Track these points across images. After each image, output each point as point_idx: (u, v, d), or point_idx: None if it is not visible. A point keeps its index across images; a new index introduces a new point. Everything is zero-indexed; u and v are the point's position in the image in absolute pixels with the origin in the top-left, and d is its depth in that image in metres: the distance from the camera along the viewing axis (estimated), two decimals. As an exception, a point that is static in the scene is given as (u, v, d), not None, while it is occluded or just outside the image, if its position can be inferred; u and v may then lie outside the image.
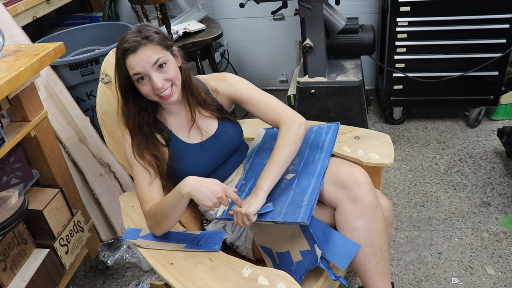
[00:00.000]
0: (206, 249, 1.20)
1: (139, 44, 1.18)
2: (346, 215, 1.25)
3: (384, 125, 2.74)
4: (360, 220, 1.24)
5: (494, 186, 2.17)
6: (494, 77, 2.42)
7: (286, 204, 1.21)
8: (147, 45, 1.19)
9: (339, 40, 2.28)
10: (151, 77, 1.20)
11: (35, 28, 2.59)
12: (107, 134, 1.41)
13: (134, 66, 1.19)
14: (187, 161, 1.34)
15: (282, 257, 1.26)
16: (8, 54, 1.43)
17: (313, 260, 1.21)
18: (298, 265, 1.23)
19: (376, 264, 1.26)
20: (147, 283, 1.81)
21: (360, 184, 1.25)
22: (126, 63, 1.20)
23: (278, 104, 1.38)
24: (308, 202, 1.18)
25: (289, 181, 1.29)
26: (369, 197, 1.25)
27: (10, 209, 1.42)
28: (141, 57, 1.18)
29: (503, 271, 1.75)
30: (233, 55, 3.08)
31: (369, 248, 1.25)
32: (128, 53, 1.18)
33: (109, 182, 2.01)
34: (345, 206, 1.26)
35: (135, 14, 2.52)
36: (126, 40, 1.19)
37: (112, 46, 1.98)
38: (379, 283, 1.27)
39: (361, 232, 1.24)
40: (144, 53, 1.18)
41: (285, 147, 1.27)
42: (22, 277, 1.48)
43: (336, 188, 1.27)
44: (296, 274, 1.22)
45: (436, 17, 2.31)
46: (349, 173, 1.28)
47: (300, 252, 1.23)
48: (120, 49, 1.20)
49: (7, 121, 1.51)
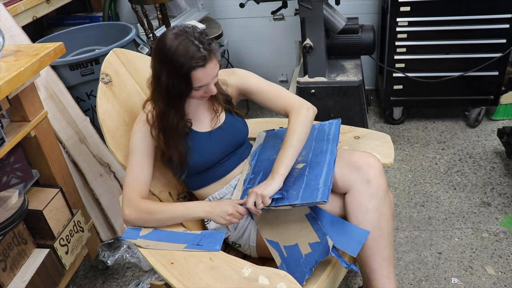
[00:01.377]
0: (206, 249, 1.20)
1: (207, 59, 1.19)
2: (359, 196, 1.28)
3: (384, 125, 2.74)
4: (373, 201, 1.26)
5: (494, 186, 2.17)
6: (494, 77, 2.42)
7: (302, 188, 1.23)
8: (213, 59, 1.22)
9: (339, 40, 2.28)
10: (210, 87, 1.26)
11: (35, 28, 2.59)
12: (107, 134, 1.41)
13: (202, 80, 1.22)
14: (195, 148, 1.36)
15: (290, 250, 1.26)
16: (8, 54, 1.43)
17: (324, 251, 1.22)
18: (308, 257, 1.23)
19: (383, 248, 1.27)
20: (147, 283, 1.81)
21: (373, 167, 1.29)
22: (193, 75, 1.20)
23: (285, 93, 1.44)
24: (325, 184, 1.21)
25: (301, 170, 1.32)
26: (381, 180, 1.29)
27: (10, 209, 1.42)
28: (208, 72, 1.21)
29: (503, 271, 1.75)
30: (233, 55, 3.08)
31: (378, 230, 1.26)
32: (197, 67, 1.19)
33: (109, 182, 2.01)
34: (358, 187, 1.28)
35: (135, 14, 2.51)
36: (193, 54, 1.17)
37: (112, 46, 1.98)
38: (384, 269, 1.28)
39: (372, 213, 1.26)
40: (211, 68, 1.22)
41: (297, 130, 1.32)
42: (22, 277, 1.48)
43: (350, 170, 1.30)
44: (306, 266, 1.22)
45: (436, 17, 2.31)
46: (363, 156, 1.32)
47: (309, 245, 1.24)
48: (188, 63, 1.18)
49: (7, 121, 1.51)
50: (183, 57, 1.17)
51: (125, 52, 1.54)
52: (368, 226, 1.26)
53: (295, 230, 1.27)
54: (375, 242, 1.27)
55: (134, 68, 1.53)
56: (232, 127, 1.43)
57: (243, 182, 1.39)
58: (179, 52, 1.18)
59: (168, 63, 1.19)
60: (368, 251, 1.28)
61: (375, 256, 1.28)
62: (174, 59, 1.18)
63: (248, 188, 1.35)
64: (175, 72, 1.20)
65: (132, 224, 1.30)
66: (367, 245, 1.27)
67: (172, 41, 1.19)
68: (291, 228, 1.28)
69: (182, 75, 1.20)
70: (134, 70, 1.53)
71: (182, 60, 1.18)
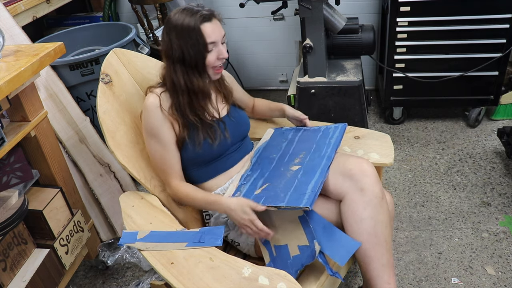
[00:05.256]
0: (208, 245, 1.20)
1: (212, 14, 1.31)
2: (353, 204, 1.27)
3: (384, 125, 2.74)
4: (367, 210, 1.26)
5: (494, 186, 2.17)
6: (494, 77, 2.42)
7: (290, 192, 1.24)
8: (217, 18, 1.33)
9: (339, 40, 2.28)
10: (220, 48, 1.33)
11: (35, 28, 2.59)
12: (107, 134, 1.41)
13: (211, 34, 1.29)
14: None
15: (280, 250, 1.26)
16: (8, 54, 1.43)
17: (311, 255, 1.22)
18: (295, 259, 1.23)
19: (381, 255, 1.27)
20: (147, 283, 1.81)
21: (367, 175, 1.29)
22: (203, 29, 1.28)
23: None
24: (312, 190, 1.22)
25: (295, 172, 1.33)
26: (376, 188, 1.28)
27: (10, 209, 1.42)
28: (215, 27, 1.31)
29: (503, 271, 1.75)
30: (233, 55, 3.08)
31: (375, 238, 1.26)
32: (205, 20, 1.29)
33: (109, 182, 2.01)
34: (352, 196, 1.28)
35: (135, 14, 2.52)
36: (197, 10, 1.29)
37: (112, 46, 1.98)
38: (384, 275, 1.27)
39: (367, 222, 1.25)
40: (217, 25, 1.32)
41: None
42: (22, 277, 1.48)
43: (343, 179, 1.30)
44: (292, 268, 1.22)
45: (436, 17, 2.31)
46: (357, 163, 1.32)
47: (298, 247, 1.24)
48: (196, 18, 1.28)
49: (7, 121, 1.51)
50: (188, 18, 1.29)
51: (125, 52, 1.54)
52: (364, 235, 1.26)
53: (287, 231, 1.27)
54: (372, 249, 1.26)
55: (134, 68, 1.53)
56: (238, 117, 1.49)
57: (240, 177, 1.41)
58: (185, 17, 1.29)
59: (178, 30, 1.29)
60: (367, 259, 1.28)
61: (374, 263, 1.27)
62: (183, 24, 1.29)
63: (242, 185, 1.37)
64: (187, 33, 1.28)
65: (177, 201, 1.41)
66: (365, 253, 1.27)
67: (177, 15, 1.31)
68: (283, 229, 1.28)
69: (193, 32, 1.28)
70: (134, 70, 1.53)
71: (188, 20, 1.28)
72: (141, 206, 1.37)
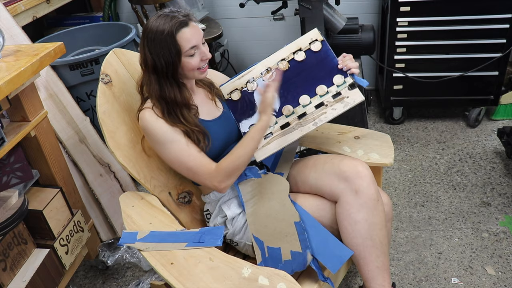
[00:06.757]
0: (208, 245, 1.20)
1: (188, 19, 1.27)
2: (348, 207, 1.27)
3: (384, 125, 2.74)
4: (362, 212, 1.25)
5: (494, 186, 2.17)
6: (494, 77, 2.42)
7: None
8: (193, 21, 1.29)
9: (339, 40, 2.28)
10: (202, 50, 1.30)
11: (35, 28, 2.59)
12: (107, 134, 1.41)
13: (191, 39, 1.26)
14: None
15: (272, 252, 1.26)
16: (8, 54, 1.43)
17: (302, 263, 1.23)
18: (286, 264, 1.24)
19: (376, 257, 1.27)
20: (147, 283, 1.81)
21: (362, 177, 1.27)
22: (179, 37, 1.25)
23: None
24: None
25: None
26: (371, 190, 1.27)
27: (10, 209, 1.42)
28: (193, 31, 1.27)
29: (503, 271, 1.75)
30: (233, 55, 3.08)
31: (369, 241, 1.25)
32: (180, 27, 1.25)
33: (109, 182, 2.01)
34: (346, 198, 1.27)
35: (135, 14, 2.52)
36: (173, 17, 1.25)
37: (112, 46, 1.98)
38: (378, 277, 1.27)
39: (362, 224, 1.25)
40: (194, 27, 1.28)
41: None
42: (22, 277, 1.48)
43: (338, 180, 1.30)
44: None
45: (436, 17, 2.31)
46: (352, 165, 1.30)
47: (291, 252, 1.24)
48: (170, 25, 1.24)
49: (7, 121, 1.51)
50: (163, 25, 1.24)
51: (125, 52, 1.54)
52: (358, 237, 1.26)
53: (282, 235, 1.26)
54: (367, 252, 1.26)
55: (134, 68, 1.53)
56: (230, 118, 1.47)
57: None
58: (160, 24, 1.25)
59: (153, 37, 1.25)
60: (361, 261, 1.28)
61: (368, 265, 1.27)
62: (158, 30, 1.24)
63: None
64: (161, 42, 1.24)
65: (226, 187, 1.31)
66: (359, 255, 1.27)
67: (153, 22, 1.27)
68: (278, 231, 1.27)
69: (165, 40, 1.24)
70: (134, 70, 1.53)
71: (164, 27, 1.24)
72: (141, 206, 1.37)
